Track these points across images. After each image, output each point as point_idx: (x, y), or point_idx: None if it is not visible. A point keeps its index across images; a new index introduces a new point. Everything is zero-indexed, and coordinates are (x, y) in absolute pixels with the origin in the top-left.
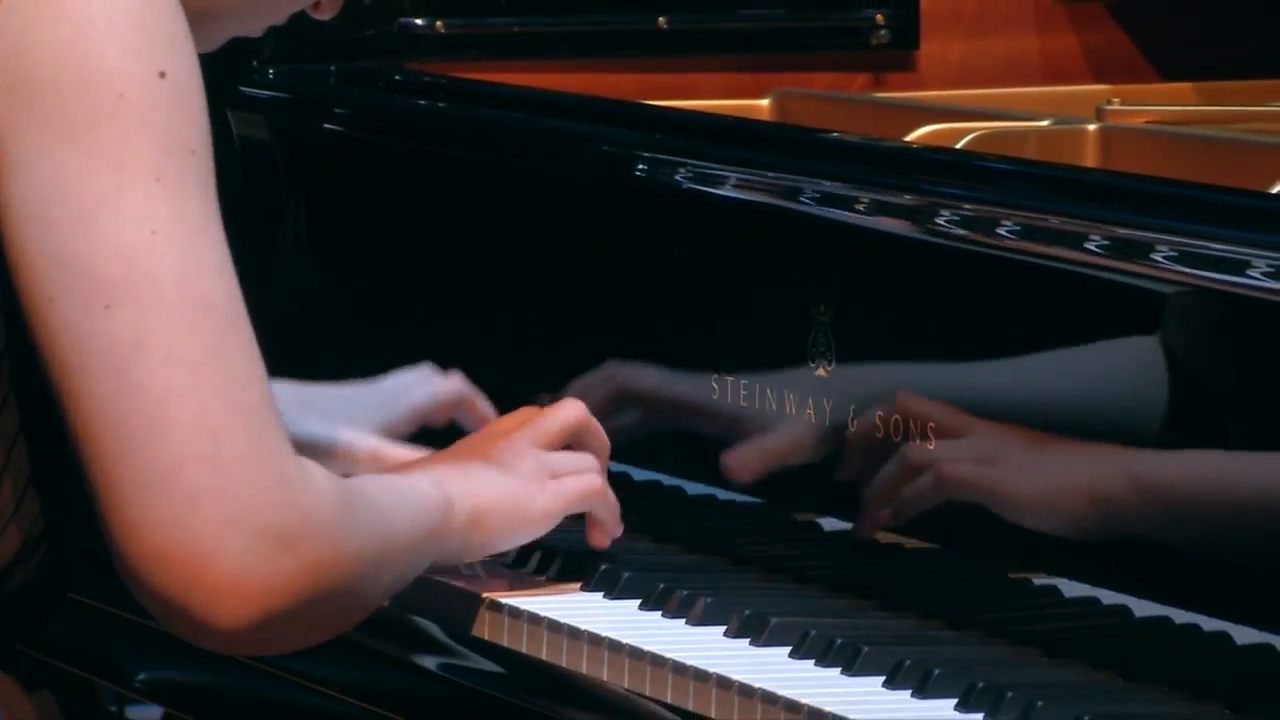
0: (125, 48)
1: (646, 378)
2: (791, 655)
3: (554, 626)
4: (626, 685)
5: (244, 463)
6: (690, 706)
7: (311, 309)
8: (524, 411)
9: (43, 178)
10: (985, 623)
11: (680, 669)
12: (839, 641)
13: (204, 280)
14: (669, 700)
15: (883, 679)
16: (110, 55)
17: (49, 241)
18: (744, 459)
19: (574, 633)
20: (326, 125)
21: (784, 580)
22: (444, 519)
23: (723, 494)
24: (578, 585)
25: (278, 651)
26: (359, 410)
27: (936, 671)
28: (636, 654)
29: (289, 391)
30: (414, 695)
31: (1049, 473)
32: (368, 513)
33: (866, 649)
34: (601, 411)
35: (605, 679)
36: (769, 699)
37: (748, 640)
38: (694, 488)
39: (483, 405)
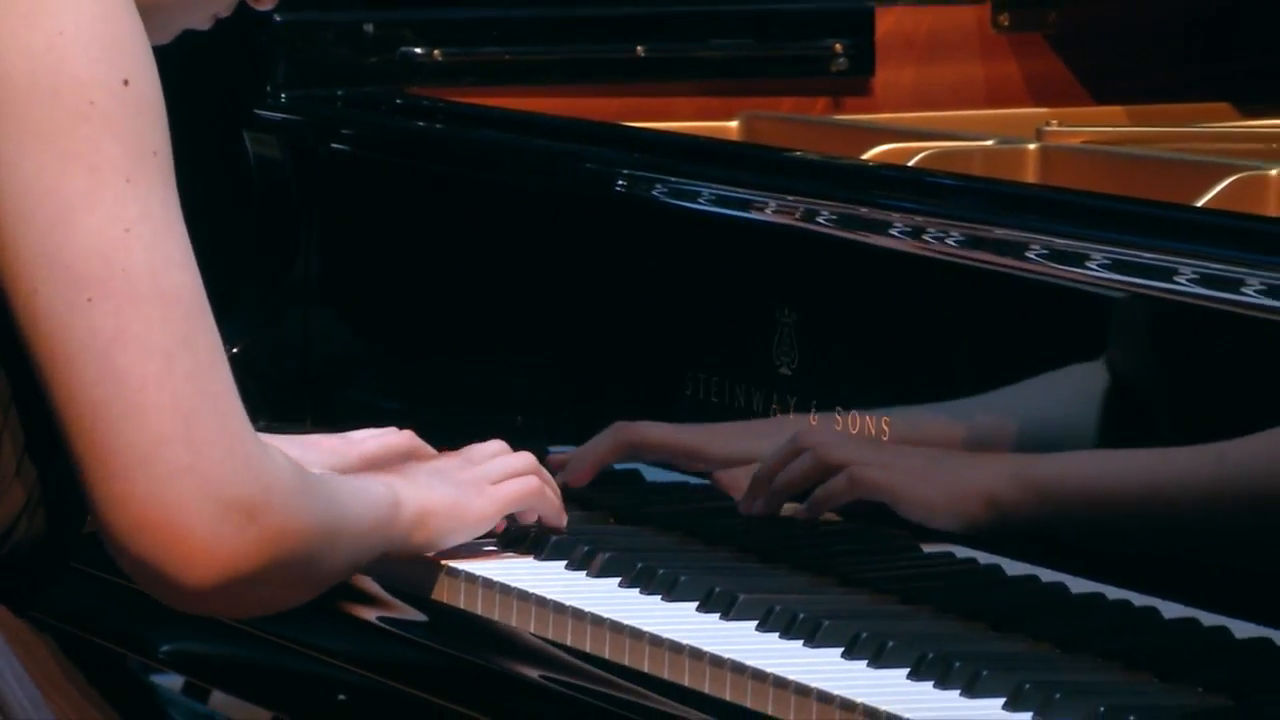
0: (91, 57)
1: (653, 432)
2: (758, 629)
3: (541, 602)
4: (608, 654)
5: (214, 442)
6: (666, 676)
7: (321, 311)
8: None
9: (25, 177)
10: (935, 599)
11: (656, 641)
12: (801, 616)
13: (172, 273)
14: (646, 670)
15: (841, 650)
16: (79, 65)
17: (31, 237)
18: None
19: (559, 608)
20: (334, 145)
21: (751, 560)
22: (392, 515)
23: (694, 480)
24: (563, 564)
25: (240, 614)
26: (315, 453)
27: (890, 644)
28: (617, 627)
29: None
30: (406, 663)
31: (987, 468)
32: (323, 493)
33: (826, 623)
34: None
35: (589, 650)
36: (737, 668)
37: (718, 615)
38: (669, 475)
39: (429, 453)
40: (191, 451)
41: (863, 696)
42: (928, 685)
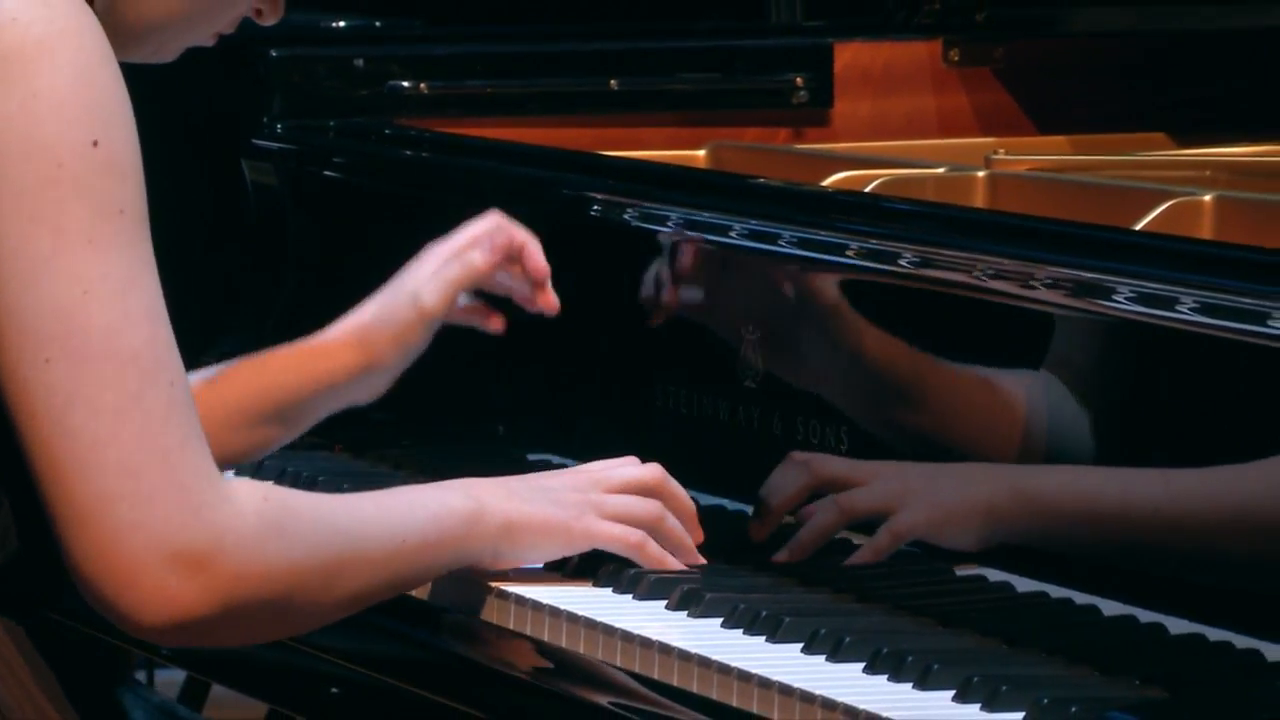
0: (63, 119)
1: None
2: (723, 625)
3: (519, 600)
4: (583, 649)
5: (161, 498)
6: (636, 669)
7: (314, 327)
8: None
9: (3, 235)
10: (889, 598)
11: (628, 637)
12: (764, 613)
13: (128, 332)
14: (618, 663)
15: (801, 645)
16: (50, 127)
17: (8, 290)
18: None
19: (553, 610)
20: (327, 173)
21: (717, 561)
22: (469, 525)
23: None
24: (558, 574)
25: (223, 645)
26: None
27: (847, 639)
28: (590, 624)
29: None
30: (405, 660)
31: (936, 477)
32: (312, 531)
33: (787, 620)
34: None
35: (564, 645)
36: (704, 663)
37: (685, 612)
38: None
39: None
40: (138, 507)
41: (822, 689)
42: (882, 679)
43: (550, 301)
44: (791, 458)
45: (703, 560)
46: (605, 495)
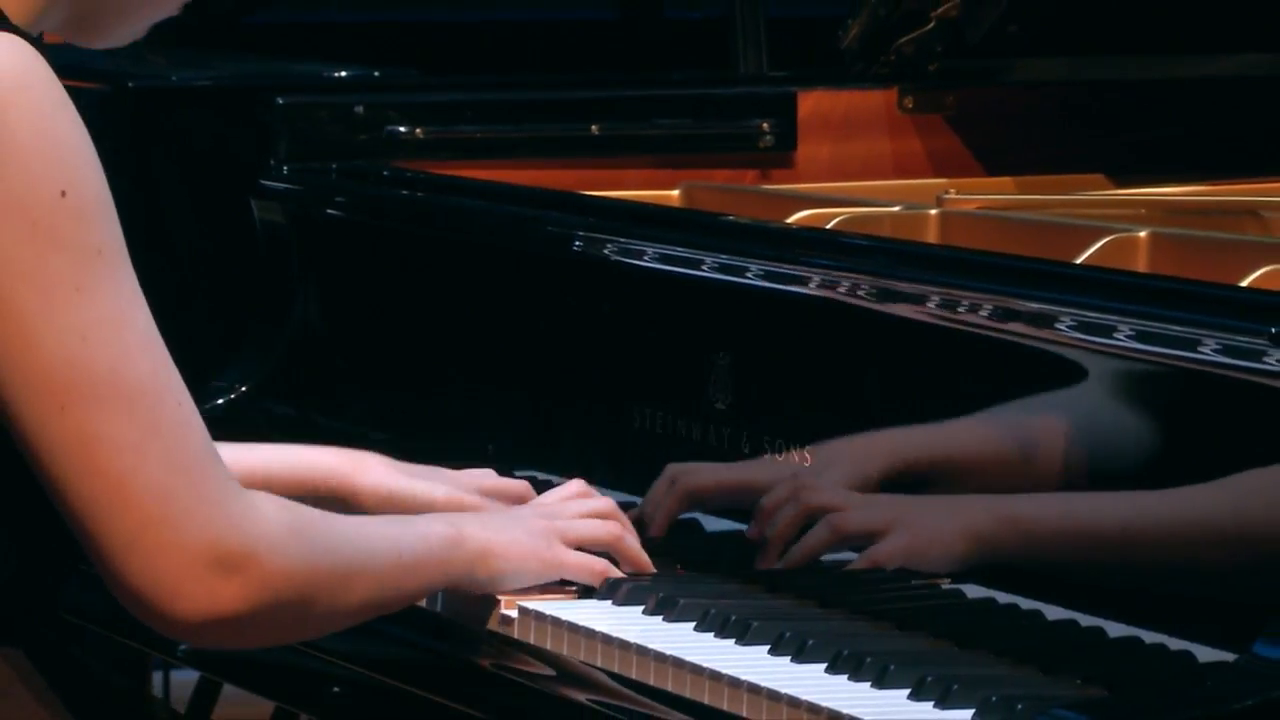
0: (29, 176)
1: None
2: (696, 629)
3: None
4: (566, 651)
5: (195, 512)
6: (616, 669)
7: (318, 353)
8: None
9: None
10: (849, 603)
11: (607, 639)
12: (733, 618)
13: (131, 368)
14: (599, 664)
15: (768, 647)
16: (16, 186)
17: (7, 352)
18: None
19: (539, 616)
20: (329, 211)
21: (689, 570)
22: (450, 550)
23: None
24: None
25: (251, 645)
26: (440, 476)
27: (811, 642)
28: (573, 628)
29: (379, 457)
30: (402, 661)
31: (924, 511)
32: (326, 537)
33: (755, 624)
34: None
35: (548, 646)
36: (678, 664)
37: (661, 617)
38: (618, 496)
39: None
40: (173, 528)
41: (787, 688)
42: (843, 678)
43: None
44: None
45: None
46: (570, 521)
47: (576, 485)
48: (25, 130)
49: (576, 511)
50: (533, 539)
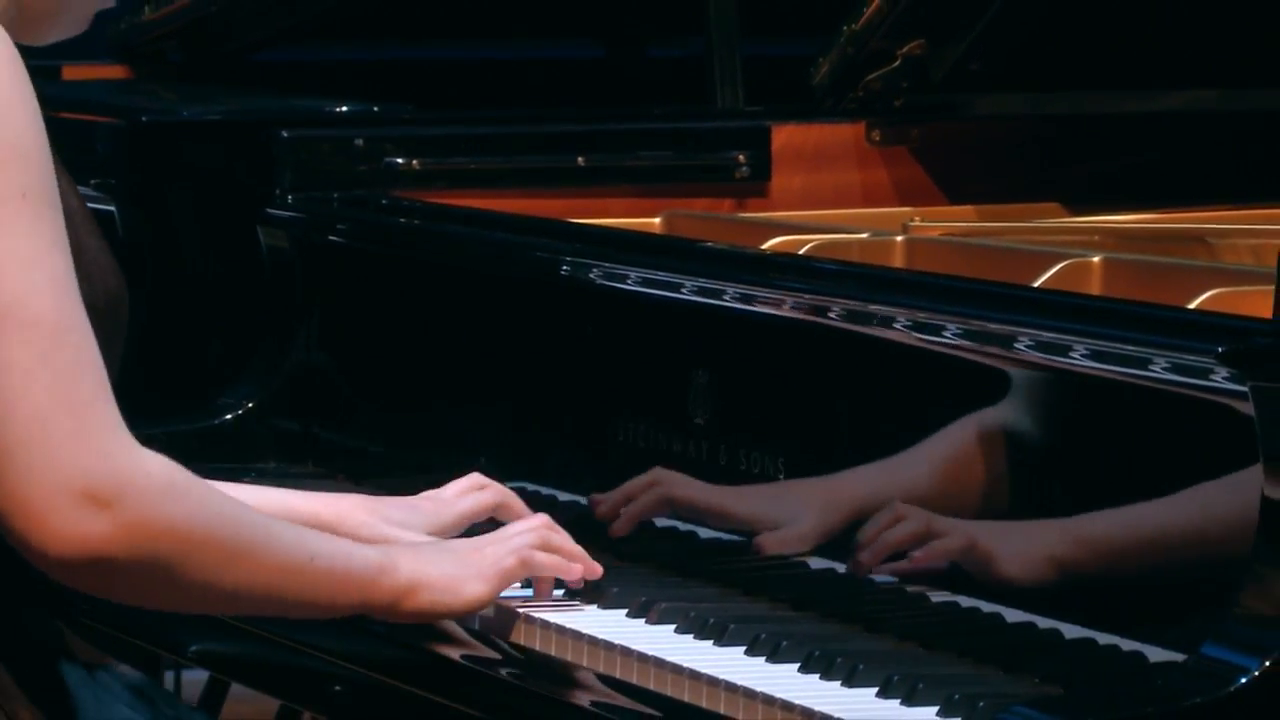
0: None
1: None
2: (676, 631)
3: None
4: (554, 652)
5: (69, 443)
6: (601, 669)
7: (320, 372)
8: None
9: None
10: (820, 607)
11: (593, 641)
12: (712, 620)
13: (33, 302)
14: (585, 664)
15: (744, 649)
16: None
17: None
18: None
19: (528, 618)
20: (331, 238)
21: (669, 575)
22: (374, 578)
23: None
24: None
25: (118, 599)
26: (419, 517)
27: (784, 643)
28: (560, 629)
29: (363, 503)
30: (398, 661)
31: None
32: (216, 509)
33: (732, 626)
34: None
35: (537, 647)
36: (659, 664)
37: (643, 619)
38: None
39: (517, 505)
40: (47, 451)
41: (762, 686)
42: (815, 677)
43: None
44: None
45: (598, 567)
46: (494, 548)
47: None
48: None
49: (516, 532)
50: (465, 571)
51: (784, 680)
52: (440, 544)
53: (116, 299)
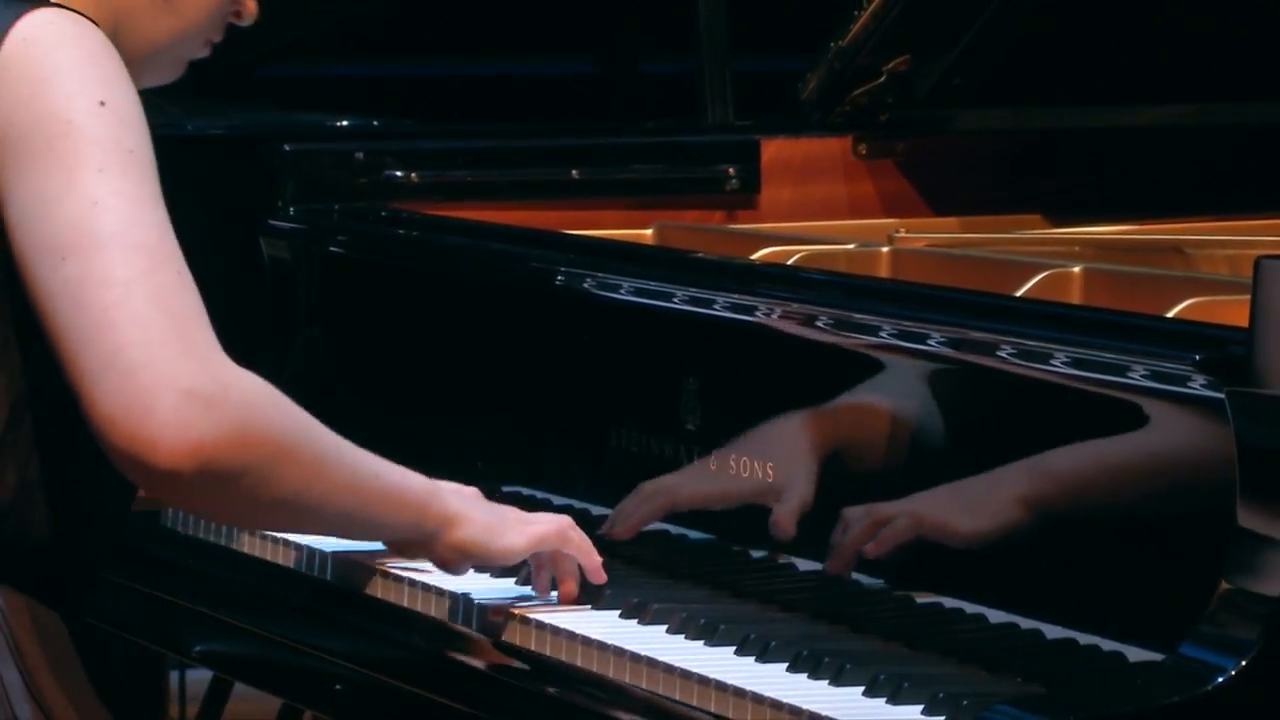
0: (70, 90)
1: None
2: (667, 631)
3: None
4: (549, 652)
5: (169, 345)
6: (595, 669)
7: (321, 377)
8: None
9: (21, 191)
10: (808, 608)
11: (588, 641)
12: (702, 621)
13: (137, 231)
14: (579, 664)
15: (734, 649)
16: (59, 98)
17: (27, 230)
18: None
19: (523, 620)
20: (332, 249)
21: (660, 577)
22: (424, 501)
23: (596, 509)
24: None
25: (220, 512)
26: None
27: (773, 644)
28: (555, 630)
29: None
30: (396, 661)
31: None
32: (306, 422)
33: (722, 627)
34: None
35: (533, 647)
36: (651, 664)
37: (635, 620)
38: (597, 509)
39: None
40: (149, 352)
41: (751, 686)
42: (802, 677)
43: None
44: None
45: (604, 577)
46: (530, 514)
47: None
48: (69, 59)
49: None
50: (503, 521)
51: (773, 679)
52: (481, 498)
53: None
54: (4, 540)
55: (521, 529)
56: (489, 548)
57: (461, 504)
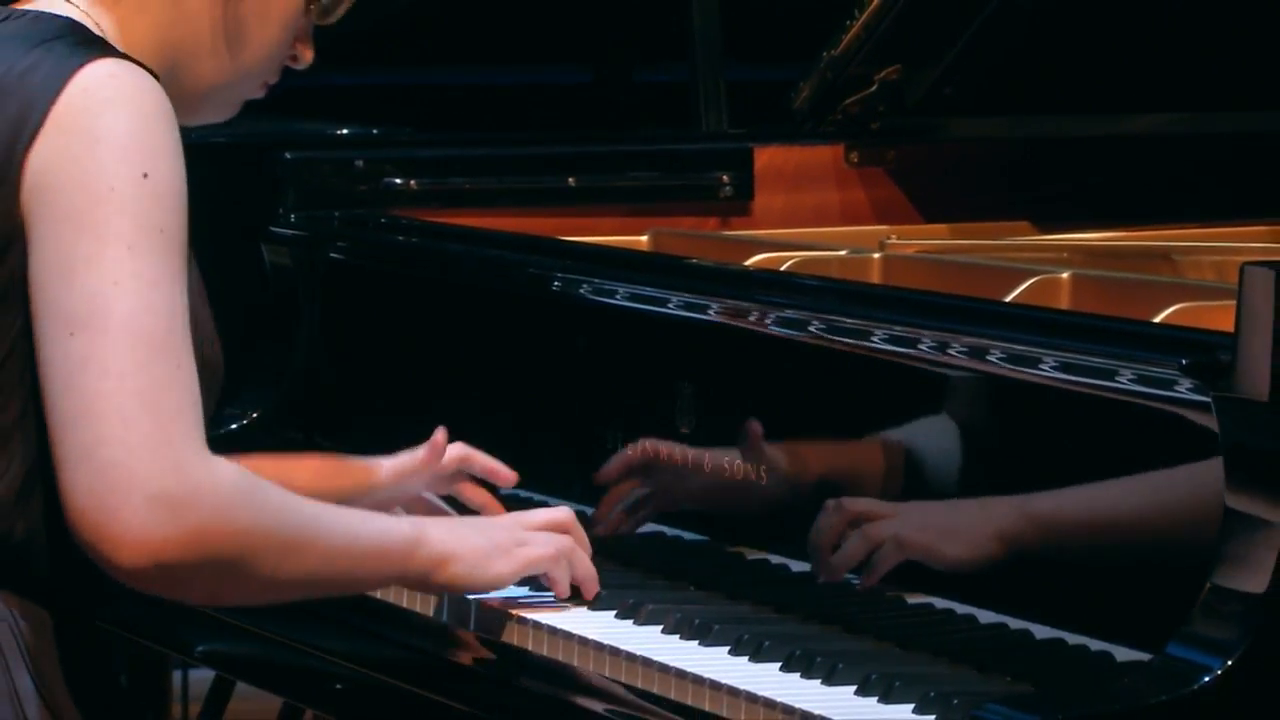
0: (118, 157)
1: None
2: (663, 632)
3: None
4: (546, 652)
5: (147, 446)
6: (591, 668)
7: (320, 382)
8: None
9: (51, 249)
10: (801, 608)
11: (584, 641)
12: (697, 621)
13: (146, 318)
14: (575, 663)
15: (728, 649)
16: (107, 162)
17: (46, 290)
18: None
19: (520, 620)
20: (332, 255)
21: (656, 578)
22: (408, 550)
23: (592, 512)
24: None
25: (185, 599)
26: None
27: (766, 643)
28: (552, 630)
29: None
30: (394, 660)
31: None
32: (278, 507)
33: (716, 627)
34: None
35: (530, 648)
36: (646, 663)
37: (631, 621)
38: (593, 512)
39: (481, 457)
40: (126, 451)
41: (745, 685)
42: (796, 676)
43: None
44: (826, 505)
45: (596, 589)
46: (527, 532)
47: (547, 514)
48: (123, 121)
49: (534, 523)
50: (494, 548)
51: (766, 679)
52: (470, 520)
53: (215, 364)
54: (13, 547)
55: (511, 555)
56: (478, 582)
57: (447, 540)
